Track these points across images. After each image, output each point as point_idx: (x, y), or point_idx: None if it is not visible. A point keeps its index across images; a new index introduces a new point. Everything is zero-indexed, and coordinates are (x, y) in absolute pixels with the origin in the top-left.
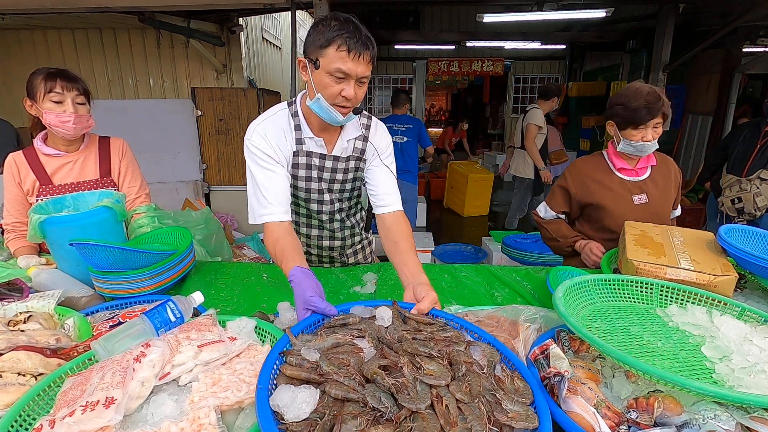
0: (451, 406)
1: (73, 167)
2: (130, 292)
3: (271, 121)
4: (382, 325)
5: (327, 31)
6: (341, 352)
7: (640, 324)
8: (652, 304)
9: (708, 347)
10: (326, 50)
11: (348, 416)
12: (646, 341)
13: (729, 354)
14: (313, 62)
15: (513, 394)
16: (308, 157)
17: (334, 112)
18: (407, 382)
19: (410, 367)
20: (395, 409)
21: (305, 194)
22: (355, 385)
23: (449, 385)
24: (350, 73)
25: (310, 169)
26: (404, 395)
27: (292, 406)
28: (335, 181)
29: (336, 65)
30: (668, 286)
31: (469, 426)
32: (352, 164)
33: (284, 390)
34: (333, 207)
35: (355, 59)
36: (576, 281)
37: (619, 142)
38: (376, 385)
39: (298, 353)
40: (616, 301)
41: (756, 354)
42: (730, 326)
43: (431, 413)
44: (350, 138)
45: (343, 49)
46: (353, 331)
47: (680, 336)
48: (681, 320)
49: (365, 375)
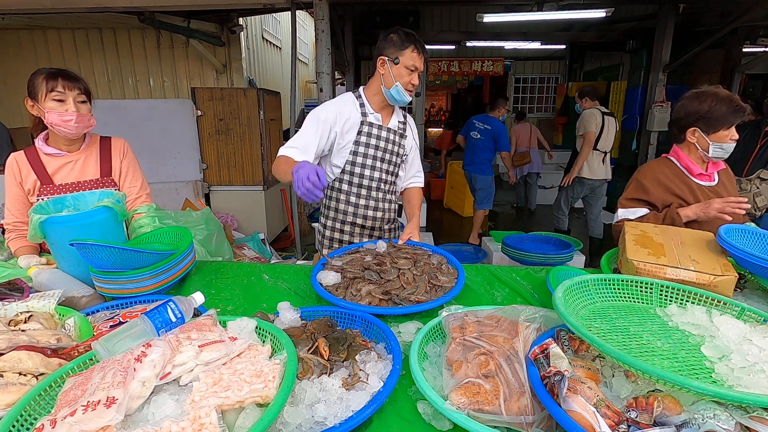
0: (409, 276)
1: (74, 167)
2: (131, 292)
3: (339, 100)
4: (379, 250)
5: (404, 39)
6: (354, 260)
7: (640, 324)
8: (651, 303)
9: (707, 347)
10: (404, 51)
11: (355, 281)
12: (646, 341)
13: (728, 354)
14: (392, 60)
15: (446, 274)
16: (369, 126)
17: (405, 95)
18: (387, 268)
19: (390, 260)
20: (378, 278)
21: (362, 159)
22: (358, 271)
23: (410, 269)
24: (418, 67)
25: (370, 137)
26: (385, 273)
27: (326, 279)
28: (386, 151)
29: (411, 62)
30: (668, 285)
31: (417, 284)
32: (397, 138)
33: (323, 272)
34: (380, 175)
35: (421, 58)
36: (575, 281)
37: (707, 147)
38: (371, 271)
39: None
40: (616, 300)
41: (755, 354)
42: (729, 326)
43: (398, 280)
44: (400, 120)
45: (415, 51)
46: (363, 253)
47: (680, 336)
48: (681, 320)
49: (365, 267)
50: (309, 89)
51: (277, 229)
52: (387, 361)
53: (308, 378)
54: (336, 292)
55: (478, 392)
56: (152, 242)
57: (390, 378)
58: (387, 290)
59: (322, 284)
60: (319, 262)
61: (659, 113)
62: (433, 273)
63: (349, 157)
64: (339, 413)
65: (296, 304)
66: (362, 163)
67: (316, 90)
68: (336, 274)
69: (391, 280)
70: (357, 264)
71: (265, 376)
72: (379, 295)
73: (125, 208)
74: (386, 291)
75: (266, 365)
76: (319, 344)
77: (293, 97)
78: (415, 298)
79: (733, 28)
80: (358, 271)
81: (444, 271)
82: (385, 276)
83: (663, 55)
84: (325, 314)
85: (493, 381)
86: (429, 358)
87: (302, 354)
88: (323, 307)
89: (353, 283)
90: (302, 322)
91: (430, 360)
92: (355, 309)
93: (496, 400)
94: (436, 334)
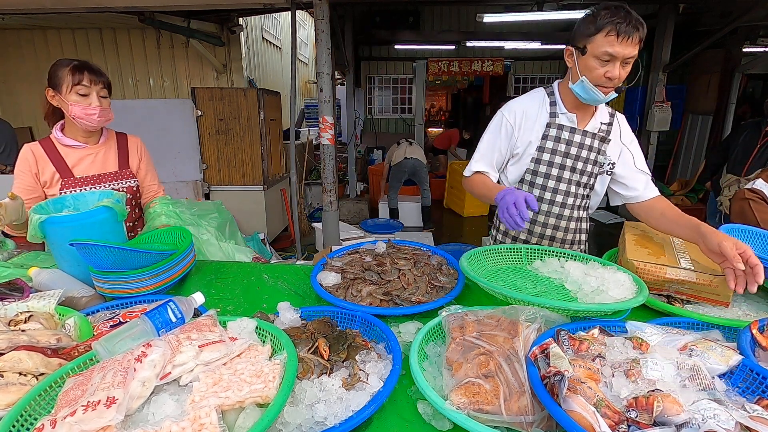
0: (409, 276)
1: (95, 160)
2: (130, 292)
3: (528, 97)
4: (379, 250)
5: (597, 20)
6: (353, 260)
7: (521, 278)
8: (523, 263)
9: (567, 283)
10: (594, 37)
11: (356, 282)
12: (529, 289)
13: (580, 286)
14: (579, 50)
15: (446, 275)
16: (559, 129)
17: (596, 92)
18: (387, 269)
19: (390, 260)
20: (379, 279)
21: (546, 168)
22: (358, 272)
23: (411, 269)
24: (617, 55)
25: (558, 142)
26: (385, 273)
27: (326, 279)
28: (579, 159)
29: (603, 49)
30: (531, 248)
31: (417, 285)
32: (596, 143)
33: (323, 273)
34: (568, 188)
35: (623, 42)
36: (471, 252)
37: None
38: (370, 271)
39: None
40: (500, 265)
41: (594, 282)
42: (573, 268)
43: (398, 280)
44: (603, 121)
45: (612, 34)
46: (363, 253)
47: (548, 282)
48: (544, 270)
49: (365, 267)
50: (309, 89)
51: (277, 229)
52: (387, 361)
53: (308, 378)
54: (336, 292)
55: (478, 392)
56: (152, 242)
57: (390, 378)
58: (388, 291)
59: (322, 285)
60: (319, 263)
61: (659, 113)
62: (434, 274)
63: (531, 165)
64: (339, 413)
65: (296, 304)
66: (545, 173)
67: (316, 90)
68: (336, 275)
69: (392, 280)
70: (357, 264)
71: (265, 376)
72: (380, 295)
73: (125, 208)
74: (387, 292)
75: (266, 365)
76: (319, 344)
77: (293, 97)
78: (416, 299)
79: (733, 28)
80: (358, 271)
81: (444, 272)
82: (385, 277)
83: (663, 55)
84: (325, 314)
85: (493, 381)
86: (429, 358)
87: (302, 354)
88: (323, 307)
89: (353, 283)
90: (302, 322)
91: (430, 360)
92: (355, 309)
93: (496, 400)
94: (436, 334)
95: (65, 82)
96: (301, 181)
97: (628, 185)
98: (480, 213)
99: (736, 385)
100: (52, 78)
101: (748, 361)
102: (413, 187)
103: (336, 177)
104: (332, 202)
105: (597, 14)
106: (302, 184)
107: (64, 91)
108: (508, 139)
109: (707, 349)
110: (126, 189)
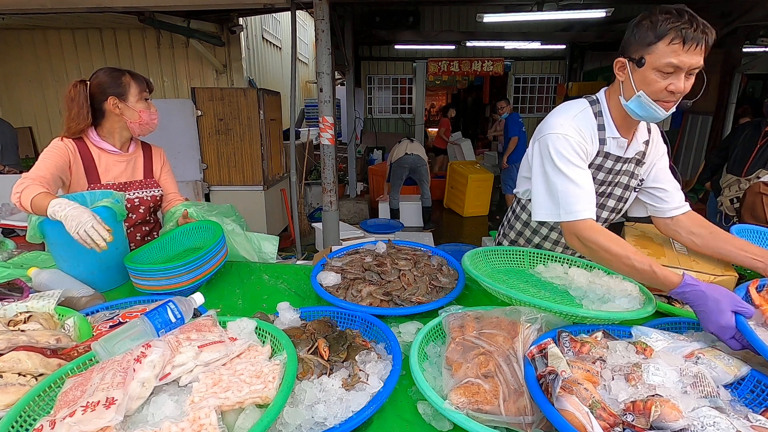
0: (410, 277)
1: (127, 167)
2: (166, 288)
3: (582, 116)
4: (379, 251)
5: (656, 26)
6: (353, 261)
7: (524, 281)
8: (525, 266)
9: (572, 290)
10: (655, 46)
11: (356, 282)
12: (533, 293)
13: (585, 293)
14: (635, 61)
15: (446, 275)
16: (604, 158)
17: (656, 108)
18: (388, 269)
19: (390, 261)
20: (379, 279)
21: None
22: (358, 272)
23: (411, 270)
24: (682, 66)
25: (599, 171)
26: (385, 274)
27: (326, 279)
28: (618, 185)
29: (667, 60)
30: (533, 252)
31: (418, 285)
32: (632, 167)
33: (323, 273)
34: (599, 213)
35: (690, 51)
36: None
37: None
38: (371, 272)
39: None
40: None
41: (599, 291)
42: (578, 274)
43: (398, 281)
44: (644, 140)
45: (677, 42)
46: (363, 254)
47: (551, 286)
48: (547, 275)
49: (366, 268)
50: (309, 89)
51: (277, 229)
52: (387, 362)
53: (308, 378)
54: (336, 292)
55: (477, 392)
56: (180, 239)
57: (390, 378)
58: (388, 291)
59: (322, 285)
60: (319, 263)
61: None
62: (434, 274)
63: None
64: (339, 414)
65: (296, 304)
66: None
67: (316, 90)
68: (336, 275)
69: (392, 281)
70: (357, 265)
71: (265, 377)
72: (381, 296)
73: (124, 209)
74: (387, 292)
75: (266, 366)
76: (319, 344)
77: (293, 97)
78: (416, 299)
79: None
80: (358, 271)
81: (444, 272)
82: (385, 277)
83: None
84: (325, 314)
85: (492, 381)
86: (429, 358)
87: (302, 354)
88: (323, 308)
89: (354, 283)
90: (302, 322)
91: (430, 360)
92: (355, 309)
93: (495, 400)
94: (437, 334)
95: (132, 90)
96: (301, 181)
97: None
98: (480, 213)
99: (743, 395)
100: (115, 86)
101: (756, 372)
102: (414, 187)
103: (336, 177)
104: (332, 202)
105: (655, 19)
106: (302, 184)
107: (131, 99)
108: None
109: (714, 357)
110: (150, 198)
